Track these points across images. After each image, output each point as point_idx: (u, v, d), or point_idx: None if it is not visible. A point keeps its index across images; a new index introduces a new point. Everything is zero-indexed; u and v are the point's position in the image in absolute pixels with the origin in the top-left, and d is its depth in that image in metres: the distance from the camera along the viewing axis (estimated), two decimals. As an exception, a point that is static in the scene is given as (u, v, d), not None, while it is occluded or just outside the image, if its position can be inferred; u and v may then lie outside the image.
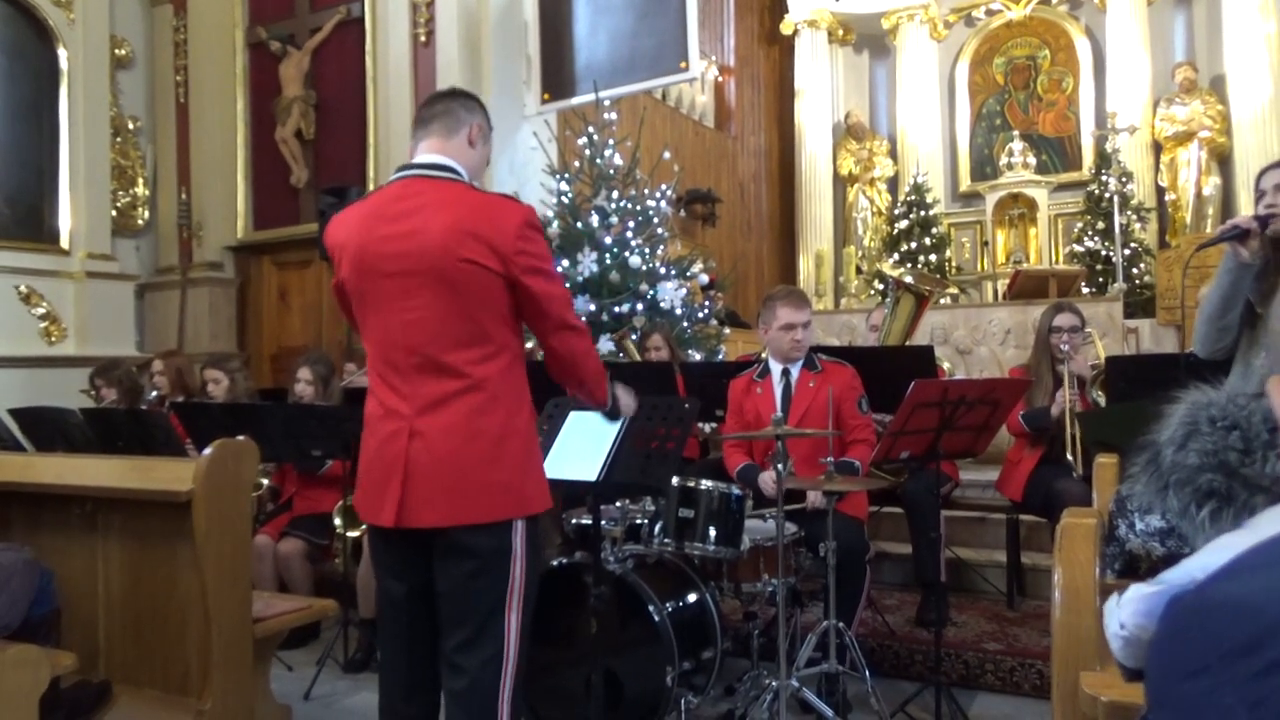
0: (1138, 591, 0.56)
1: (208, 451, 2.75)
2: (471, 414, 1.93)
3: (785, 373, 3.60)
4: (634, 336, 5.28)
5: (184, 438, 3.95)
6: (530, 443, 2.04)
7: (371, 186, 6.69)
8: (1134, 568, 1.32)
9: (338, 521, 3.93)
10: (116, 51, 7.29)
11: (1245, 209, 7.81)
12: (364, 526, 3.92)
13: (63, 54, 6.62)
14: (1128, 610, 0.55)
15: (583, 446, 2.45)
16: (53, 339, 6.49)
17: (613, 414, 2.28)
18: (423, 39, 6.67)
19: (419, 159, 2.08)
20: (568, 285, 5.56)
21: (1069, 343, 3.90)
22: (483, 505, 1.93)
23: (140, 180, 7.53)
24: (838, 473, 3.01)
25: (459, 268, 1.91)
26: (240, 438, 2.90)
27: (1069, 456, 3.77)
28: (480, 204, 1.98)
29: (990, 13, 10.92)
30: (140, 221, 7.54)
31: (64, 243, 6.61)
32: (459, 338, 1.94)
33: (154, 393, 4.99)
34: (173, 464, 2.99)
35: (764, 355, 3.75)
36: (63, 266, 6.57)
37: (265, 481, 4.35)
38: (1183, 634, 0.38)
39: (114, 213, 7.14)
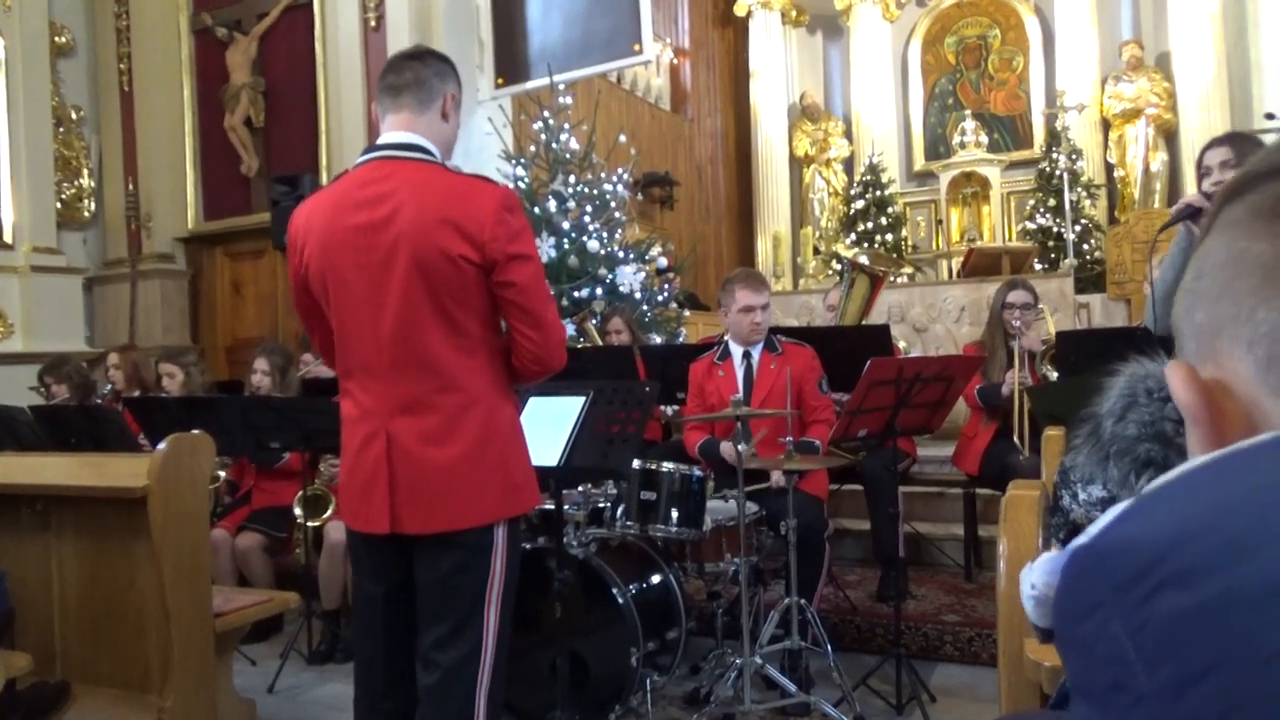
0: (1046, 555, 0.58)
1: (162, 446, 2.71)
2: (451, 415, 1.86)
3: (746, 355, 3.64)
4: (594, 320, 5.28)
5: (137, 433, 3.89)
6: (514, 440, 1.97)
7: (324, 174, 6.59)
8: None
9: (298, 512, 3.90)
10: (56, 39, 7.09)
11: (1191, 183, 7.97)
12: (325, 516, 3.89)
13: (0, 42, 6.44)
14: (1038, 572, 0.57)
15: (543, 432, 2.45)
16: (-2, 335, 6.34)
17: None
18: (373, 23, 6.58)
19: (388, 138, 1.95)
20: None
21: (1021, 319, 3.97)
22: (469, 510, 1.87)
23: (85, 171, 7.35)
24: (798, 452, 3.05)
25: (434, 259, 1.81)
26: (195, 431, 2.86)
27: (1016, 440, 3.85)
28: (455, 188, 1.87)
29: (941, -8, 11.00)
30: (86, 213, 7.36)
31: (7, 236, 6.44)
32: (435, 334, 1.85)
33: (108, 387, 4.90)
34: (126, 460, 2.94)
35: (725, 338, 3.78)
36: (6, 261, 6.41)
37: (222, 475, 4.30)
38: (1079, 579, 0.40)
39: (59, 205, 6.97)
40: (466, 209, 1.84)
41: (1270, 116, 5.28)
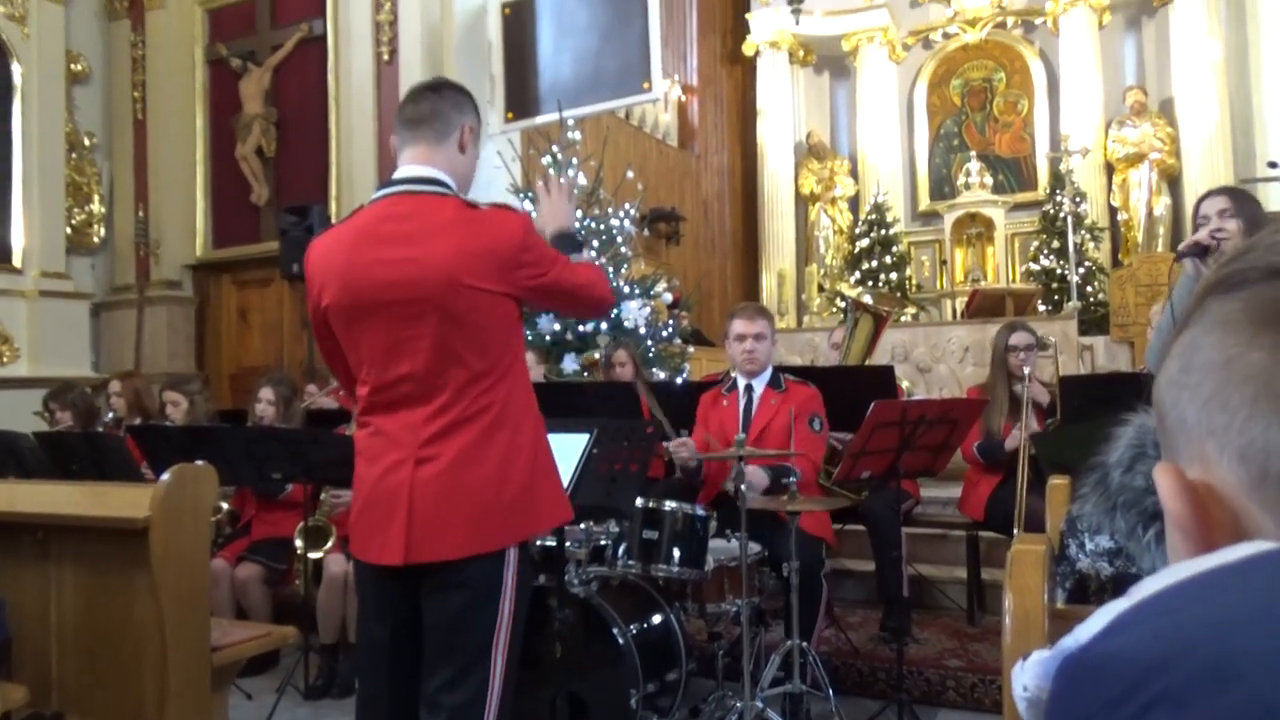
0: (1038, 655, 0.58)
1: (165, 477, 2.70)
2: (475, 439, 1.87)
3: (748, 389, 3.64)
4: (599, 355, 5.29)
5: (140, 461, 3.89)
6: (537, 457, 1.97)
7: (333, 204, 6.65)
8: (1084, 587, 1.35)
9: (299, 543, 3.88)
10: (72, 67, 7.19)
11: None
12: (325, 548, 3.88)
13: (16, 69, 6.53)
14: (1030, 673, 0.57)
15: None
16: (4, 360, 6.36)
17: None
18: (385, 57, 6.66)
19: (405, 171, 1.97)
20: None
21: (1026, 361, 3.96)
22: (489, 531, 1.87)
23: (96, 197, 7.42)
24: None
25: (464, 297, 1.85)
26: (199, 462, 2.86)
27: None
28: (479, 223, 1.90)
29: (947, 35, 11.12)
30: (96, 239, 7.42)
31: (16, 261, 6.49)
32: (461, 366, 1.88)
33: (110, 414, 4.91)
34: (128, 490, 2.93)
35: (732, 371, 3.80)
36: (15, 285, 6.45)
37: (224, 505, 4.29)
38: (1069, 691, 0.41)
39: (69, 230, 7.03)
40: (492, 243, 1.88)
41: (1273, 165, 5.32)
